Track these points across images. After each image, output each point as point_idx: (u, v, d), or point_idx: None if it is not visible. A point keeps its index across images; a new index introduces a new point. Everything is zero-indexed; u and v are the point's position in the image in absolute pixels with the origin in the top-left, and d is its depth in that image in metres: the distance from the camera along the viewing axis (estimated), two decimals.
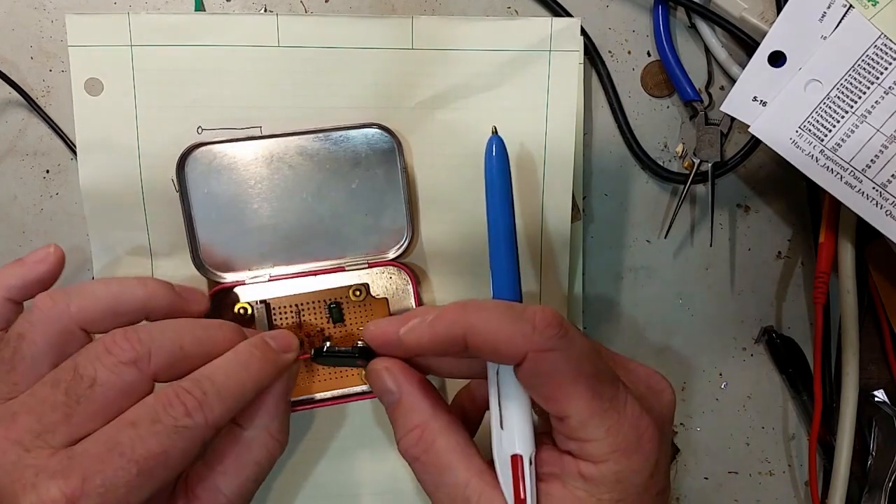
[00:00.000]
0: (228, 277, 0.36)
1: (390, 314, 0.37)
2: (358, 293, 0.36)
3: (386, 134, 0.36)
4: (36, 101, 0.39)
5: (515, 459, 0.27)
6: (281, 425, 0.31)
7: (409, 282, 0.36)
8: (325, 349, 0.31)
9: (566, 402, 0.27)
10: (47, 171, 0.40)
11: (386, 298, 0.37)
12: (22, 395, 0.27)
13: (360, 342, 0.30)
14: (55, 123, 0.39)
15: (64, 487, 0.25)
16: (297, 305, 0.36)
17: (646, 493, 0.28)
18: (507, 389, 0.28)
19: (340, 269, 0.36)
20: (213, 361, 0.29)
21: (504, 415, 0.28)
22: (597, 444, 0.27)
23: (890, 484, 0.41)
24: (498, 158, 0.30)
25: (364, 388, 0.36)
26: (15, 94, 0.38)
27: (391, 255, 0.37)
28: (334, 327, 0.36)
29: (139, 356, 0.27)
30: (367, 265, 0.36)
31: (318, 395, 0.36)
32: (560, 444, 0.28)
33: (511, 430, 0.28)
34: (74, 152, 0.39)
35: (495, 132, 0.31)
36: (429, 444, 0.28)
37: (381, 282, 0.37)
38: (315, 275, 0.36)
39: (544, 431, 0.29)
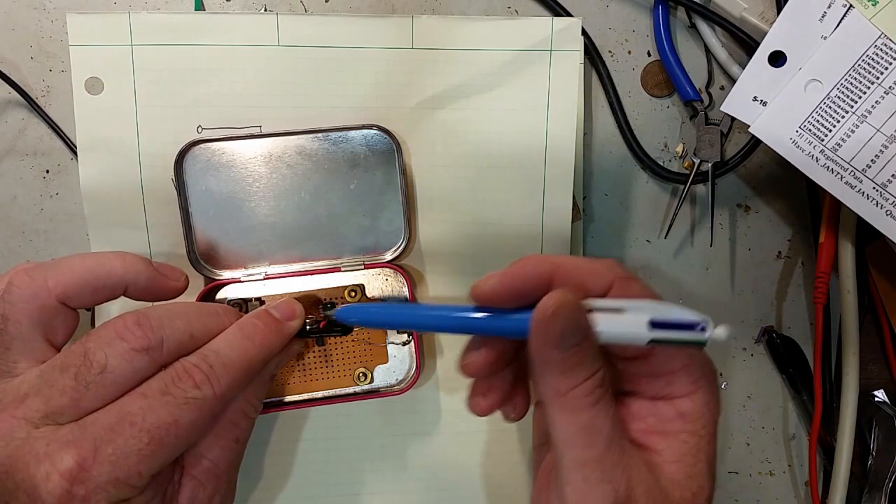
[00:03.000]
0: (224, 274, 0.36)
1: None
2: (353, 294, 0.36)
3: (385, 135, 0.36)
4: (36, 101, 0.39)
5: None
6: (254, 391, 0.31)
7: (405, 284, 0.36)
8: (307, 329, 0.33)
9: None
10: (47, 171, 0.40)
11: (382, 300, 0.37)
12: (31, 374, 0.28)
13: (330, 313, 0.33)
14: (55, 123, 0.39)
15: (76, 456, 0.25)
16: None
17: (717, 428, 0.29)
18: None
19: (336, 269, 0.36)
20: (218, 336, 0.30)
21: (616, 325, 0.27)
22: (685, 374, 0.28)
23: (890, 484, 0.41)
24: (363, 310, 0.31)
25: (356, 388, 0.36)
26: (15, 94, 0.38)
27: (388, 256, 0.37)
28: None
29: (152, 345, 0.28)
30: (363, 266, 0.36)
31: (311, 395, 0.36)
32: (647, 390, 0.29)
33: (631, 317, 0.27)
34: (74, 152, 0.39)
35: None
36: (608, 386, 0.27)
37: (377, 283, 0.37)
38: (311, 274, 0.36)
39: (627, 391, 0.30)
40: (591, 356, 0.26)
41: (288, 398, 0.36)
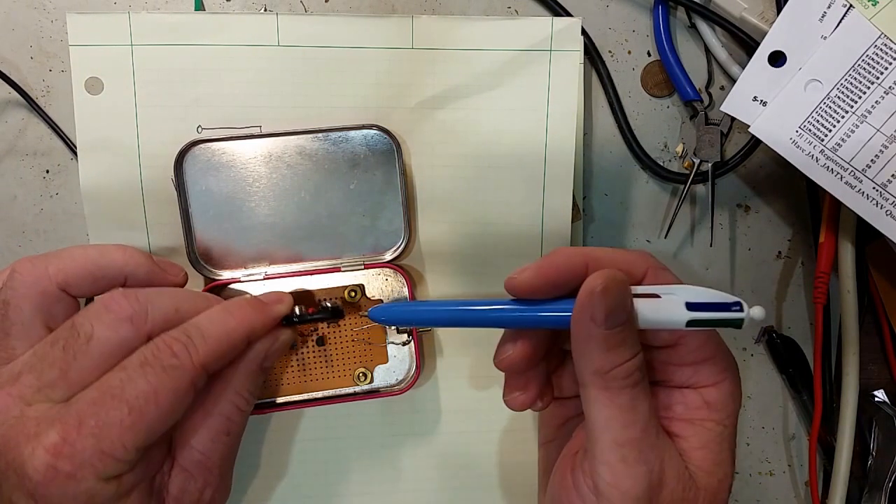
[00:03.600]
0: (224, 274, 0.36)
1: None
2: (353, 294, 0.36)
3: (385, 135, 0.36)
4: (36, 101, 0.39)
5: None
6: (245, 381, 0.31)
7: (405, 284, 0.36)
8: (294, 316, 0.33)
9: None
10: (47, 171, 0.40)
11: (381, 300, 0.37)
12: (26, 355, 0.28)
13: (327, 303, 0.34)
14: (55, 123, 0.39)
15: (60, 431, 0.26)
16: None
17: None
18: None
19: (336, 269, 0.36)
20: (202, 314, 0.30)
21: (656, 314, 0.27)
22: (711, 364, 0.29)
23: (890, 484, 0.41)
24: (395, 310, 0.31)
25: (356, 389, 0.36)
26: (15, 94, 0.38)
27: (388, 256, 0.37)
28: (328, 327, 0.36)
29: (136, 313, 0.28)
30: (363, 266, 0.36)
31: (311, 395, 0.36)
32: (674, 379, 0.29)
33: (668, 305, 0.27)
34: (74, 152, 0.39)
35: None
36: (645, 371, 0.27)
37: (377, 283, 0.37)
38: (311, 274, 0.36)
39: (655, 380, 0.30)
40: (633, 337, 0.27)
41: (288, 398, 0.36)
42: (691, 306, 0.27)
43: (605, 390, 0.27)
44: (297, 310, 0.33)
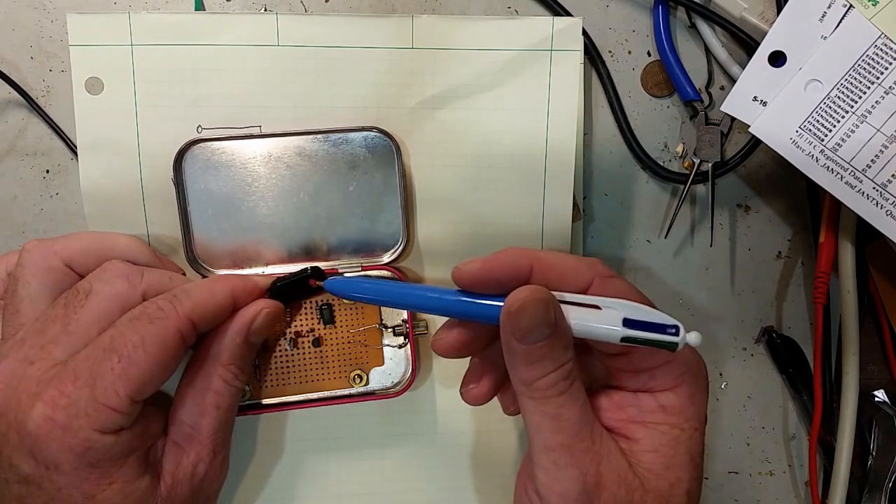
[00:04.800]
0: (221, 273, 0.36)
1: (381, 318, 0.36)
2: None
3: (385, 138, 0.36)
4: (36, 101, 0.39)
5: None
6: (231, 354, 0.32)
7: None
8: (277, 282, 0.34)
9: None
10: (47, 171, 0.40)
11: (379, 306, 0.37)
12: (29, 322, 0.30)
13: (308, 266, 0.35)
14: (55, 123, 0.39)
15: (58, 385, 0.27)
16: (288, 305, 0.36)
17: (704, 423, 0.30)
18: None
19: (334, 271, 0.36)
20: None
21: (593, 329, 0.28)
22: (668, 368, 0.28)
23: (890, 484, 0.41)
24: (350, 284, 0.32)
25: (351, 391, 0.36)
26: (15, 94, 0.38)
27: (385, 259, 0.37)
28: (325, 328, 0.36)
29: (131, 272, 0.31)
30: (360, 268, 0.36)
31: (307, 397, 0.36)
32: (630, 384, 0.30)
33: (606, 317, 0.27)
34: (74, 152, 0.39)
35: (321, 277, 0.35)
36: (575, 377, 0.28)
37: None
38: None
39: (610, 386, 0.30)
40: (559, 350, 0.27)
41: (283, 399, 0.36)
42: (628, 323, 0.27)
43: (531, 399, 0.27)
44: (278, 282, 0.34)
